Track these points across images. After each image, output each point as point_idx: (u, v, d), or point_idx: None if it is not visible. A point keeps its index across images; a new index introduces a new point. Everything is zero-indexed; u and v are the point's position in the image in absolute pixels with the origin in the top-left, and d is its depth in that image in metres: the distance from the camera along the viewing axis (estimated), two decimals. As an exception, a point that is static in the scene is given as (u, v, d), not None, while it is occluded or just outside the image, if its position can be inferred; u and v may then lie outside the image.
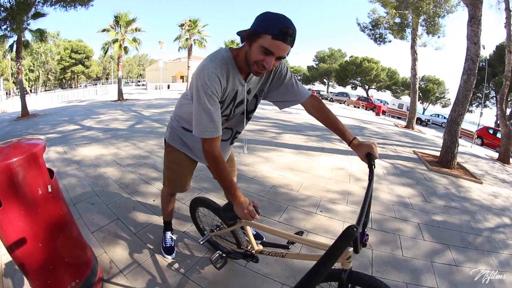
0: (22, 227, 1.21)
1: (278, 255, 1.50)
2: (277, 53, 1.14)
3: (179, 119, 1.68)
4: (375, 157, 1.29)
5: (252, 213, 1.25)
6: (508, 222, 3.77)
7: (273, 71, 1.50)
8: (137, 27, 18.69)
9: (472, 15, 6.32)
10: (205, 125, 1.24)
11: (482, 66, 21.11)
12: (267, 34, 1.10)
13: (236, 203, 1.28)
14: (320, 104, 1.55)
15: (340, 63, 46.14)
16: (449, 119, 6.65)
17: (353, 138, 1.40)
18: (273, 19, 1.11)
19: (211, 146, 1.28)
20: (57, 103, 19.12)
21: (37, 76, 41.11)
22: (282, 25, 1.09)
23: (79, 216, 2.59)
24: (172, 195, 2.03)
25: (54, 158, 4.41)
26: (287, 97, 1.55)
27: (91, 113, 10.63)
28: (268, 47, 1.12)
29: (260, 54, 1.15)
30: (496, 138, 15.39)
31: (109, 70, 57.32)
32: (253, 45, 1.16)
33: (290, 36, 1.11)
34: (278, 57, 1.17)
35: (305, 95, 1.54)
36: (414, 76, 13.93)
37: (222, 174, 1.29)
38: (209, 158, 1.29)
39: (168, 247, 2.14)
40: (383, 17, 15.86)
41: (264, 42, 1.12)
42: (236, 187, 1.30)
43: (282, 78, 1.51)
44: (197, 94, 1.23)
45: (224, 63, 1.28)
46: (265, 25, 1.11)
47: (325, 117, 1.52)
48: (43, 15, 12.38)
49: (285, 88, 1.53)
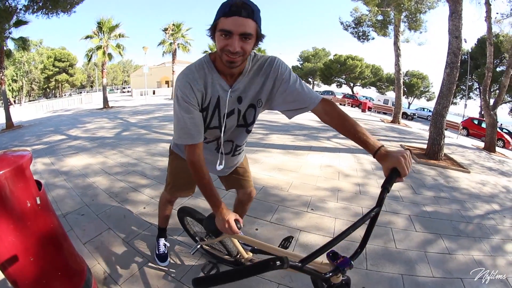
0: (12, 242, 1.18)
1: None
2: (236, 30, 1.04)
3: None
4: (403, 174, 0.99)
5: (232, 228, 1.20)
6: (497, 208, 3.88)
7: (275, 77, 1.31)
8: (120, 32, 18.51)
9: (453, 10, 6.48)
10: (180, 132, 1.23)
11: (465, 59, 21.62)
12: (221, 17, 1.05)
13: (217, 214, 1.24)
14: (334, 109, 1.31)
15: (324, 62, 46.50)
16: (434, 112, 6.80)
17: (379, 147, 1.13)
18: (224, 2, 1.06)
19: (189, 152, 1.25)
20: (42, 113, 18.71)
21: (21, 86, 40.17)
22: (231, 2, 1.03)
23: (70, 227, 2.53)
24: (170, 202, 2.01)
25: (41, 169, 4.32)
26: (293, 105, 1.33)
27: (77, 122, 10.45)
28: (224, 27, 1.04)
29: (222, 39, 1.08)
30: (481, 128, 15.75)
31: (93, 78, 56.43)
32: (216, 35, 1.11)
33: (244, 8, 1.02)
34: (242, 35, 1.05)
35: (315, 101, 1.30)
36: (398, 72, 14.19)
37: (200, 182, 1.26)
38: (189, 165, 1.26)
39: (161, 254, 2.11)
40: (366, 15, 16.12)
41: (221, 25, 1.06)
42: (218, 198, 1.25)
43: (284, 83, 1.30)
44: (175, 103, 1.23)
45: (200, 67, 1.24)
46: (218, 11, 1.07)
47: (342, 124, 1.27)
48: (25, 23, 12.12)
49: (291, 94, 1.31)
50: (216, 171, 1.63)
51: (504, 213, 3.74)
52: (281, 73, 1.30)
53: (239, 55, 1.10)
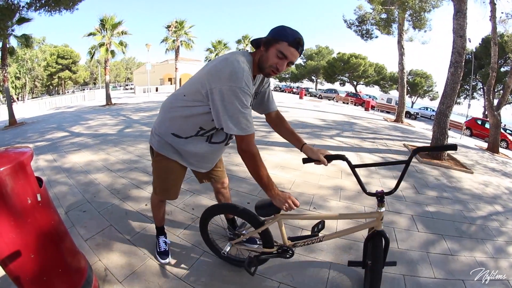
0: (13, 239, 1.17)
1: (315, 241, 1.62)
2: (290, 58, 1.35)
3: (169, 124, 1.63)
4: (322, 161, 1.62)
5: (294, 202, 1.42)
6: (500, 209, 3.85)
7: (265, 79, 1.66)
8: (123, 30, 18.55)
9: (458, 9, 6.43)
10: (246, 123, 1.33)
11: (469, 59, 21.52)
12: (284, 41, 1.31)
13: (276, 196, 1.42)
14: (281, 116, 1.85)
15: (327, 60, 46.44)
16: (438, 112, 6.76)
17: (304, 143, 1.71)
18: (289, 30, 1.34)
19: (250, 144, 1.38)
20: (45, 110, 18.78)
21: (24, 84, 40.32)
22: (297, 36, 1.32)
23: (72, 224, 2.54)
24: (162, 201, 2.03)
25: (43, 166, 4.33)
26: (261, 104, 1.78)
27: (79, 119, 10.48)
28: (283, 52, 1.32)
29: (276, 58, 1.35)
30: (484, 128, 15.68)
31: (96, 75, 56.64)
32: (270, 49, 1.35)
33: (301, 46, 1.35)
34: (289, 62, 1.37)
35: (275, 107, 1.82)
36: (401, 71, 14.10)
37: (262, 171, 1.41)
38: (249, 156, 1.40)
39: (162, 251, 2.12)
40: (370, 13, 16.01)
41: (281, 47, 1.32)
42: (273, 182, 1.45)
43: (266, 86, 1.72)
44: (235, 95, 1.29)
45: (250, 65, 1.42)
46: (282, 34, 1.33)
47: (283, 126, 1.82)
48: (28, 20, 12.16)
49: (263, 96, 1.74)
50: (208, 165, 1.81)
51: (507, 214, 3.70)
52: (268, 79, 1.69)
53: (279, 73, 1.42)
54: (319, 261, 2.16)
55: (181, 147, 1.65)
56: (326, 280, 1.98)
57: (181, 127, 1.58)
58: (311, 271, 2.05)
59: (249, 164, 1.41)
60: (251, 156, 1.39)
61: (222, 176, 2.04)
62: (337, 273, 2.06)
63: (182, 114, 1.54)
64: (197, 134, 1.59)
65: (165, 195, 1.90)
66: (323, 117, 12.16)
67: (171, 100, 1.63)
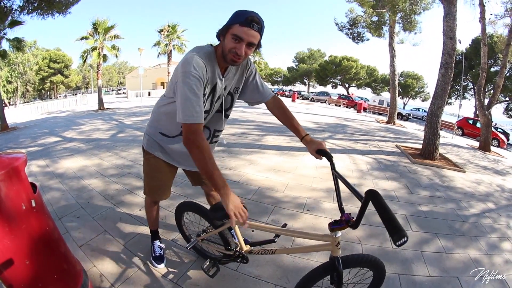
0: (7, 245, 1.16)
1: (268, 252, 1.53)
2: (246, 39, 1.27)
3: (157, 124, 1.69)
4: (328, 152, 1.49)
5: (245, 214, 1.26)
6: (493, 207, 3.92)
7: (245, 70, 1.62)
8: (116, 34, 18.43)
9: (448, 11, 6.54)
10: (191, 110, 1.25)
11: (459, 60, 21.79)
12: (236, 24, 1.26)
13: (227, 199, 1.22)
14: (280, 103, 1.74)
15: (319, 63, 46.77)
16: (429, 112, 6.85)
17: (306, 134, 1.60)
18: (240, 12, 1.28)
19: (196, 133, 1.26)
20: (37, 115, 18.55)
21: (16, 88, 39.87)
22: (248, 14, 1.25)
23: (66, 230, 2.51)
24: (155, 203, 2.01)
25: (36, 172, 4.28)
26: (254, 96, 1.71)
27: (72, 124, 10.38)
28: (237, 34, 1.27)
29: (232, 42, 1.29)
30: (476, 127, 15.91)
31: (88, 79, 56.21)
32: (226, 36, 1.31)
33: (256, 23, 1.26)
34: (249, 43, 1.30)
35: (269, 95, 1.73)
36: (393, 72, 14.28)
37: (209, 164, 1.23)
38: (193, 147, 1.25)
39: (157, 256, 2.10)
40: (361, 16, 16.17)
41: (234, 30, 1.27)
42: (226, 183, 1.25)
43: (252, 76, 1.66)
44: (184, 81, 1.27)
45: (208, 55, 1.39)
46: (233, 17, 1.29)
47: (284, 115, 1.72)
48: (20, 23, 12.04)
49: (253, 86, 1.68)
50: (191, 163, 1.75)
51: (500, 211, 3.77)
52: (251, 68, 1.65)
53: (242, 58, 1.35)
54: (314, 262, 2.17)
55: (168, 146, 1.69)
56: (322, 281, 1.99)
57: (167, 126, 1.64)
58: (307, 272, 2.06)
59: (195, 157, 1.26)
60: (195, 146, 1.25)
61: None
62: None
63: (165, 112, 1.61)
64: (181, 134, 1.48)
65: (155, 195, 1.89)
66: (315, 119, 12.21)
67: (158, 101, 1.71)
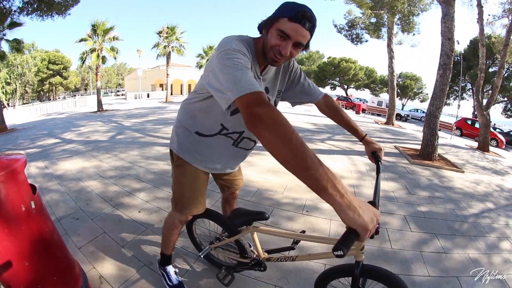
0: (6, 247, 1.16)
1: (288, 259, 1.42)
2: (294, 37, 1.06)
3: (192, 122, 1.43)
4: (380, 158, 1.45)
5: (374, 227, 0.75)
6: (492, 206, 3.93)
7: (288, 71, 1.45)
8: (115, 35, 18.48)
9: (446, 12, 6.57)
10: (246, 80, 0.92)
11: (458, 60, 21.90)
12: (284, 17, 1.04)
13: (351, 207, 0.71)
14: (333, 104, 1.61)
15: (318, 65, 46.83)
16: (428, 113, 6.87)
17: (365, 135, 1.56)
18: (291, 4, 1.07)
19: (263, 103, 0.85)
20: (36, 117, 18.52)
21: (14, 89, 39.81)
22: (300, 8, 1.03)
23: (65, 232, 2.51)
24: (182, 223, 1.66)
25: (35, 173, 4.27)
26: (301, 97, 1.56)
27: (71, 125, 10.37)
28: (284, 30, 1.05)
29: (277, 39, 1.08)
30: (474, 128, 15.95)
31: (87, 81, 56.20)
32: (270, 30, 1.09)
33: (308, 20, 1.04)
34: (296, 43, 1.08)
35: (319, 95, 1.58)
36: (391, 74, 14.32)
37: (298, 143, 0.76)
38: (268, 121, 0.80)
39: (177, 285, 1.79)
40: (359, 17, 16.25)
41: (281, 25, 1.05)
42: (336, 177, 0.74)
43: (297, 77, 1.49)
44: (224, 58, 1.00)
45: (247, 44, 1.15)
46: (282, 9, 1.07)
47: (338, 116, 1.61)
48: (20, 25, 12.03)
49: (301, 88, 1.52)
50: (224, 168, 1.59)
51: (499, 211, 3.78)
52: (295, 68, 1.47)
53: (285, 58, 1.13)
54: (313, 264, 2.17)
55: (205, 149, 1.45)
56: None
57: (204, 123, 1.39)
58: (306, 274, 2.06)
59: (270, 133, 0.78)
60: (271, 119, 0.80)
61: (239, 184, 1.89)
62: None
63: (200, 108, 1.37)
64: (221, 132, 1.38)
65: (189, 207, 1.57)
66: (314, 121, 12.22)
67: (187, 100, 1.46)
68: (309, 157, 0.73)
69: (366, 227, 0.71)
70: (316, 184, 0.71)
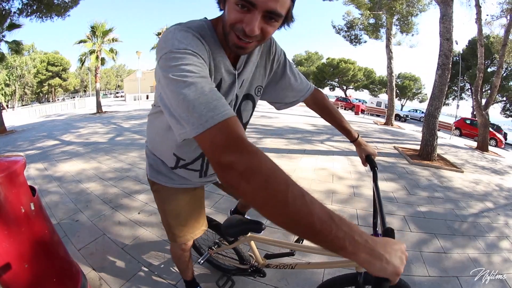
0: (6, 248, 1.16)
1: (287, 267, 1.35)
2: (262, 4, 0.66)
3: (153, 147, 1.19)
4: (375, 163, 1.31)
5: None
6: (491, 206, 3.93)
7: (271, 59, 1.04)
8: (114, 37, 18.47)
9: (444, 13, 6.58)
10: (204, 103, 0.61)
11: (456, 61, 21.98)
12: None
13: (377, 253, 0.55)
14: (323, 100, 1.29)
15: (317, 66, 46.90)
16: (427, 113, 6.88)
17: (358, 135, 1.36)
18: None
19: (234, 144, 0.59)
20: (35, 118, 18.49)
21: (14, 91, 39.73)
22: None
23: (64, 234, 2.51)
24: (184, 250, 1.42)
25: (34, 175, 4.27)
26: (285, 94, 1.17)
27: (70, 127, 10.35)
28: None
29: (237, 12, 0.70)
30: (473, 128, 15.95)
31: (86, 82, 56.12)
32: (227, 3, 0.72)
33: None
34: (268, 13, 0.69)
35: (308, 90, 1.20)
36: (390, 74, 14.33)
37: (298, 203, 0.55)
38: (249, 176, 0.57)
39: None
40: (358, 18, 16.32)
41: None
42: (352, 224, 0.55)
43: (281, 68, 1.10)
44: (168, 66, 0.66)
45: (201, 32, 0.80)
46: None
47: (330, 114, 1.31)
48: (19, 26, 12.01)
49: (286, 83, 1.13)
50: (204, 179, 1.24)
51: (498, 210, 3.78)
52: (278, 53, 1.06)
53: (256, 39, 0.75)
54: (314, 264, 2.17)
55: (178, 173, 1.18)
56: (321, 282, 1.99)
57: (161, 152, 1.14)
58: (306, 274, 2.06)
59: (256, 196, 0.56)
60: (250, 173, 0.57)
61: None
62: (331, 276, 2.07)
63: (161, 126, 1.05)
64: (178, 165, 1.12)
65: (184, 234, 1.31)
66: (313, 122, 12.22)
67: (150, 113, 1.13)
68: (317, 218, 0.52)
69: (397, 273, 0.57)
70: (332, 246, 0.53)
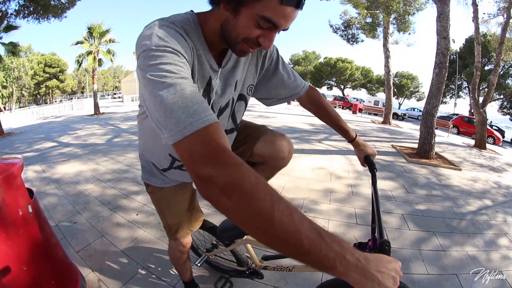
0: (4, 251, 1.16)
1: (284, 270, 1.34)
2: (284, 25, 0.68)
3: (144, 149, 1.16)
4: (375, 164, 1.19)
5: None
6: (490, 203, 3.95)
7: (263, 55, 1.02)
8: (111, 38, 18.38)
9: (441, 11, 6.60)
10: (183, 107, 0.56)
11: (453, 59, 22.04)
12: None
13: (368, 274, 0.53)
14: (319, 98, 1.24)
15: (315, 65, 47.00)
16: (424, 112, 6.90)
17: (356, 135, 1.26)
18: None
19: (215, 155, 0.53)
20: (32, 120, 18.43)
21: (11, 93, 39.64)
22: None
23: (63, 236, 2.50)
24: (182, 250, 1.43)
25: (32, 177, 4.25)
26: (278, 92, 1.13)
27: (68, 129, 10.33)
28: (271, 18, 0.65)
29: (255, 28, 0.68)
30: (471, 126, 16.03)
31: (84, 84, 56.01)
32: (243, 12, 0.67)
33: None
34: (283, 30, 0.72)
35: (302, 88, 1.16)
36: (387, 73, 14.36)
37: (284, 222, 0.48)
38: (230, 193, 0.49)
39: None
40: (355, 17, 16.32)
41: (266, 9, 0.64)
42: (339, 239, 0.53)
43: (273, 65, 1.06)
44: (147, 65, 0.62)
45: (185, 27, 0.75)
46: None
47: (326, 113, 1.25)
48: (16, 28, 11.94)
49: (279, 80, 1.08)
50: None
51: (496, 208, 3.80)
52: (270, 51, 1.04)
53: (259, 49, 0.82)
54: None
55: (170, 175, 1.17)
56: (320, 282, 1.99)
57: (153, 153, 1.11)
58: (305, 274, 2.06)
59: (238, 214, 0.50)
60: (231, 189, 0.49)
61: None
62: (331, 276, 2.07)
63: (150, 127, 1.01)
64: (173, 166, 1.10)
65: (181, 231, 1.32)
66: (311, 121, 12.22)
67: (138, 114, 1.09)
68: (305, 238, 0.48)
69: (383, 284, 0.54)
70: (321, 266, 0.51)
